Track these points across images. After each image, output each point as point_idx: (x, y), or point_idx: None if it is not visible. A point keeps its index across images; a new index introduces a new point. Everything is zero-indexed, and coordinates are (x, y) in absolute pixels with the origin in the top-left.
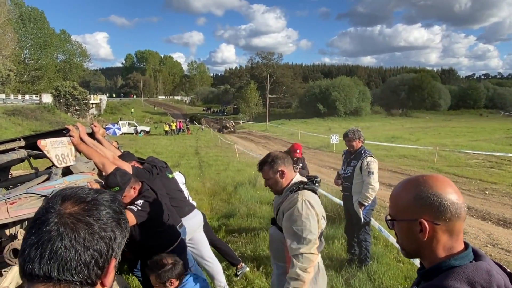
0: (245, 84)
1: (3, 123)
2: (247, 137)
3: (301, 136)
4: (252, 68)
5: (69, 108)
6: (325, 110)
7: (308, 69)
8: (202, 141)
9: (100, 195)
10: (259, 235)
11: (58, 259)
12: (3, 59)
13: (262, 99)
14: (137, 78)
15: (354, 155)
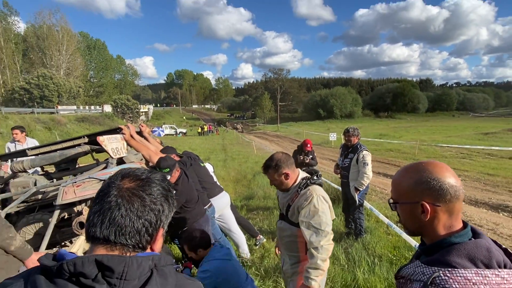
0: (260, 95)
1: (75, 128)
2: (263, 136)
3: (305, 135)
4: (266, 82)
5: (124, 116)
6: (325, 114)
7: (310, 82)
8: (227, 140)
9: (153, 175)
10: (273, 213)
11: (115, 225)
12: (74, 79)
13: (274, 106)
14: (176, 92)
15: (351, 148)
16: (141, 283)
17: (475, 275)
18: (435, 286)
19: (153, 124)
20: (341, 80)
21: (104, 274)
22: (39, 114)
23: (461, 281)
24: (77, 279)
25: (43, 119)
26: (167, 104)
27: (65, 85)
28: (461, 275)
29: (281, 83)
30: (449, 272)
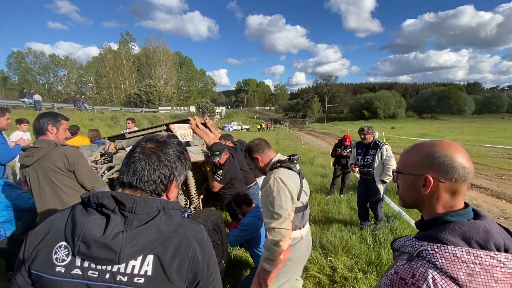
0: (310, 98)
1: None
2: (311, 133)
3: (349, 132)
4: (316, 87)
5: (204, 115)
6: (369, 114)
7: (356, 86)
8: (281, 135)
9: (171, 139)
10: (312, 196)
11: (137, 174)
12: (170, 87)
13: (322, 107)
14: (243, 96)
15: (370, 146)
16: (148, 218)
17: (466, 253)
18: (421, 259)
19: (225, 121)
20: (386, 84)
21: (120, 207)
22: (146, 112)
23: (449, 257)
24: (100, 208)
25: (148, 116)
26: (236, 106)
27: (163, 92)
28: (449, 251)
29: (329, 87)
30: (437, 247)
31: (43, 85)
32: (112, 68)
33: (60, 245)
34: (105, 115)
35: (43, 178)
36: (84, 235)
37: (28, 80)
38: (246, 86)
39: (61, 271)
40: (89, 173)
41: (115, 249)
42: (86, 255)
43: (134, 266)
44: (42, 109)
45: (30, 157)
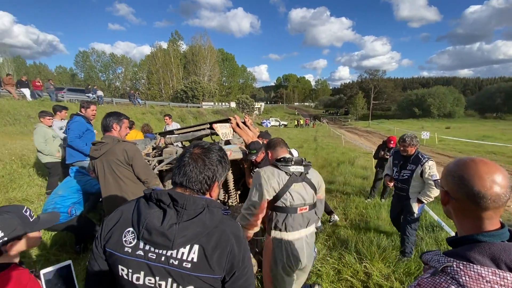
0: (354, 94)
1: (211, 118)
2: (353, 131)
3: (396, 132)
4: (361, 82)
5: (243, 110)
6: (420, 112)
7: (407, 81)
8: (320, 132)
9: (213, 146)
10: (350, 198)
11: (186, 175)
12: (213, 83)
13: (366, 104)
14: (282, 92)
15: (411, 159)
16: (195, 213)
17: (492, 274)
18: (445, 274)
19: (263, 117)
20: (443, 79)
21: (173, 203)
22: (190, 107)
23: (473, 276)
24: (159, 203)
25: (193, 111)
26: (274, 101)
27: (207, 88)
28: (475, 270)
29: (375, 83)
30: (463, 265)
31: (103, 81)
32: (162, 65)
33: (128, 230)
34: (155, 110)
35: (107, 169)
36: (147, 224)
37: (92, 77)
38: (286, 82)
39: (129, 251)
40: (144, 166)
41: (170, 237)
42: (148, 240)
43: (183, 253)
44: (103, 103)
45: (98, 150)
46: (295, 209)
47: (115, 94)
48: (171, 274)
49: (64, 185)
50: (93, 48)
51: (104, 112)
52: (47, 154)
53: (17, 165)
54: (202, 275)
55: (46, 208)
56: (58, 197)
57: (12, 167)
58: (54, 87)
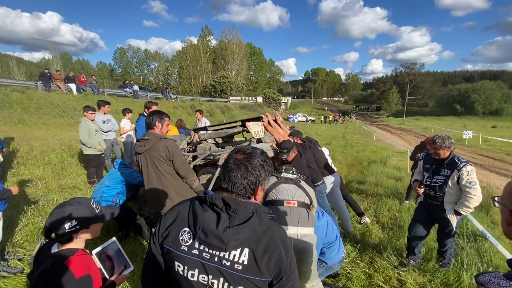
0: (388, 88)
1: (238, 113)
2: (385, 128)
3: (434, 130)
4: (396, 76)
5: (270, 105)
6: (462, 109)
7: (448, 75)
8: (349, 129)
9: (255, 150)
10: (382, 200)
11: (231, 181)
12: (240, 78)
13: (401, 99)
14: (310, 86)
15: (445, 163)
16: (246, 218)
17: None
18: None
19: (290, 112)
20: (490, 73)
21: (226, 207)
22: (218, 102)
23: None
24: (213, 206)
25: (220, 106)
26: (302, 96)
27: (234, 83)
28: None
29: (412, 77)
30: None
31: (138, 76)
32: (192, 60)
33: (185, 229)
34: (185, 104)
35: (150, 164)
36: (203, 226)
37: (128, 72)
38: (314, 76)
39: (185, 249)
40: (183, 162)
41: (224, 240)
42: (204, 241)
43: (235, 255)
44: (138, 98)
45: (142, 146)
46: (282, 202)
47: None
48: (223, 274)
49: (110, 176)
50: (129, 45)
51: (141, 106)
52: (89, 147)
53: (67, 155)
54: (252, 277)
55: (94, 197)
56: (104, 187)
57: (62, 156)
58: (96, 81)
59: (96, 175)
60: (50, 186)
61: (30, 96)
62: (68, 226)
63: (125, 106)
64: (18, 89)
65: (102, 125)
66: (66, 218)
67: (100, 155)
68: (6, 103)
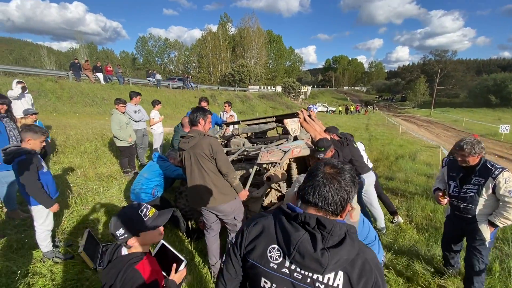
0: (415, 78)
1: (257, 102)
2: (411, 120)
3: (465, 123)
4: (424, 64)
5: (289, 95)
6: (497, 101)
7: (483, 63)
8: (373, 120)
9: (345, 166)
10: (414, 198)
11: (322, 196)
12: (259, 66)
13: (429, 90)
14: (330, 75)
15: (476, 170)
16: (339, 239)
17: None
18: None
19: (309, 102)
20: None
21: (318, 227)
22: (237, 91)
23: None
24: (303, 224)
25: (240, 95)
26: (322, 85)
27: (254, 71)
28: None
29: (442, 65)
30: None
31: (159, 65)
32: (212, 49)
33: (273, 247)
34: (205, 93)
35: (194, 161)
36: (299, 247)
37: (149, 61)
38: (335, 64)
39: (274, 267)
40: (225, 160)
41: (323, 264)
42: (299, 262)
43: (329, 278)
44: (160, 87)
45: (187, 143)
46: None
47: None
48: None
49: (149, 169)
50: (150, 34)
51: (162, 95)
52: (121, 140)
53: (100, 144)
54: None
55: (134, 188)
56: (143, 179)
57: (96, 145)
58: (121, 71)
59: (129, 165)
60: (88, 174)
61: (62, 86)
62: (119, 234)
63: (149, 96)
64: (51, 78)
65: (134, 115)
66: (115, 228)
67: (131, 146)
68: (41, 92)
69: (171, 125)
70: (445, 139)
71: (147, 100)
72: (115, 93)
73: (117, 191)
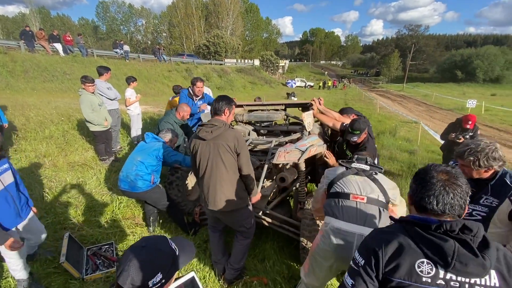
0: (389, 52)
1: (235, 77)
2: (385, 95)
3: (434, 98)
4: (398, 39)
5: (268, 69)
6: (463, 76)
7: (451, 39)
8: (349, 95)
9: (455, 170)
10: (402, 176)
11: (448, 204)
12: (236, 38)
13: (401, 64)
14: (308, 48)
15: (490, 187)
16: (481, 239)
17: None
18: None
19: (287, 76)
20: (494, 37)
21: (463, 232)
22: (214, 65)
23: None
24: (444, 232)
25: (217, 69)
26: (299, 59)
27: (230, 43)
28: None
29: (415, 40)
30: None
31: (125, 35)
32: (183, 18)
33: (422, 261)
34: (180, 67)
35: (213, 152)
36: (459, 257)
37: (114, 30)
38: (312, 37)
39: (428, 281)
40: (249, 159)
41: (487, 267)
42: (460, 270)
43: (486, 279)
44: (129, 59)
45: (209, 133)
46: (348, 195)
47: (137, 48)
48: None
49: (143, 151)
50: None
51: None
52: (96, 124)
53: (68, 127)
54: None
55: (127, 175)
56: (138, 163)
57: (63, 128)
58: (83, 42)
59: (106, 151)
60: (58, 163)
61: (14, 58)
62: (152, 283)
63: (118, 70)
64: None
65: (108, 92)
66: (147, 274)
67: (107, 130)
68: None
69: (146, 103)
70: (417, 113)
71: (116, 75)
72: (78, 66)
73: (95, 182)
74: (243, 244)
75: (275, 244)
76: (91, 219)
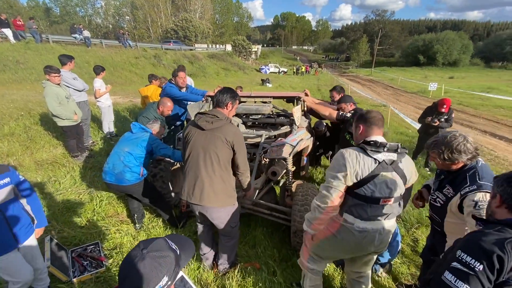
0: (358, 37)
1: (207, 63)
2: (355, 80)
3: (400, 82)
4: (366, 24)
5: (240, 54)
6: (424, 60)
7: (414, 24)
8: (322, 81)
9: None
10: None
11: None
12: (205, 21)
13: (370, 49)
14: (280, 33)
15: (454, 176)
16: None
17: None
18: None
19: (260, 62)
20: (451, 22)
21: None
22: (185, 51)
23: None
24: None
25: (187, 55)
26: (272, 44)
27: (200, 27)
28: None
29: (382, 25)
30: None
31: (83, 18)
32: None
33: None
34: (148, 53)
35: (208, 144)
36: None
37: (69, 12)
38: (284, 21)
39: None
40: (245, 157)
41: None
42: None
43: None
44: (91, 46)
45: (209, 123)
46: (377, 200)
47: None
48: None
49: (130, 142)
50: None
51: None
52: (64, 119)
53: (29, 122)
54: None
55: (113, 167)
56: (126, 154)
57: (24, 123)
58: (36, 26)
59: (78, 147)
60: (24, 163)
61: None
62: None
63: (79, 58)
64: None
65: (75, 83)
66: (153, 280)
67: (78, 124)
68: None
69: (114, 93)
70: (385, 97)
71: (78, 64)
72: (32, 54)
73: (69, 180)
74: (229, 246)
75: (264, 230)
76: (70, 220)
